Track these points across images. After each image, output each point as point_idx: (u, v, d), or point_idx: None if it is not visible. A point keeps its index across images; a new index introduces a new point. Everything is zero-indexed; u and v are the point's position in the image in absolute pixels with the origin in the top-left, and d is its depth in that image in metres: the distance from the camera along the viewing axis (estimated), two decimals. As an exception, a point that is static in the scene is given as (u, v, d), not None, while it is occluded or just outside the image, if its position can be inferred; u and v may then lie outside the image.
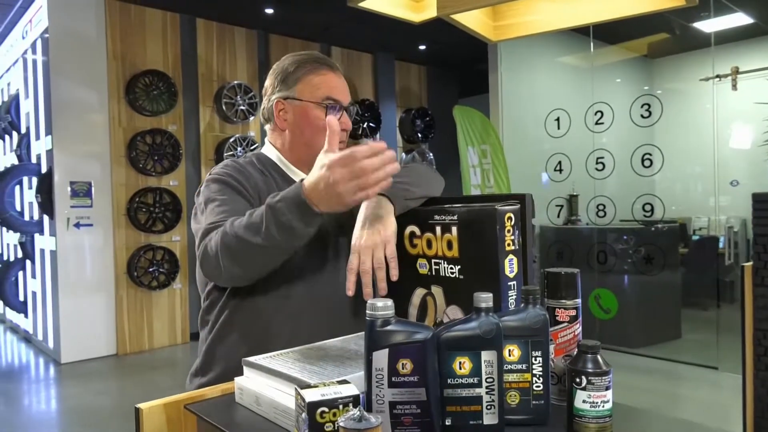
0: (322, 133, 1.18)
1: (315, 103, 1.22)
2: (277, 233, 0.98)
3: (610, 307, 4.83)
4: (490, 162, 5.12)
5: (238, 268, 1.04)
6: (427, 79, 7.60)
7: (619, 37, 5.79)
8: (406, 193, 1.08)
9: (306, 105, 1.22)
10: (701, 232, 6.16)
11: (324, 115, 1.21)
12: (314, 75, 1.23)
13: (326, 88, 1.23)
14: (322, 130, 1.19)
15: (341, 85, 1.26)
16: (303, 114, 1.23)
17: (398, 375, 0.71)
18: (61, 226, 4.79)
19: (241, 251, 1.01)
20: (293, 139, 1.26)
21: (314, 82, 1.23)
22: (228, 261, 1.03)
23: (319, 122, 1.22)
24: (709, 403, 3.77)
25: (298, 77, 1.23)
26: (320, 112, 1.22)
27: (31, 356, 5.17)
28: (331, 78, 1.24)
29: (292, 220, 0.97)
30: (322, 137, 1.16)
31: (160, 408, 0.93)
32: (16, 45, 5.76)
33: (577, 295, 0.87)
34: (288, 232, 0.98)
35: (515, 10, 3.32)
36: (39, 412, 3.92)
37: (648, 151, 4.64)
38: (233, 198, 1.15)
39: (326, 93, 1.23)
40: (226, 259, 1.02)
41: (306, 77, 1.23)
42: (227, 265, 1.03)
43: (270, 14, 5.52)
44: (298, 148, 1.26)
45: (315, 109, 1.22)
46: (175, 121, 5.30)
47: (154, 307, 5.21)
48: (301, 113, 1.23)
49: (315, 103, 1.22)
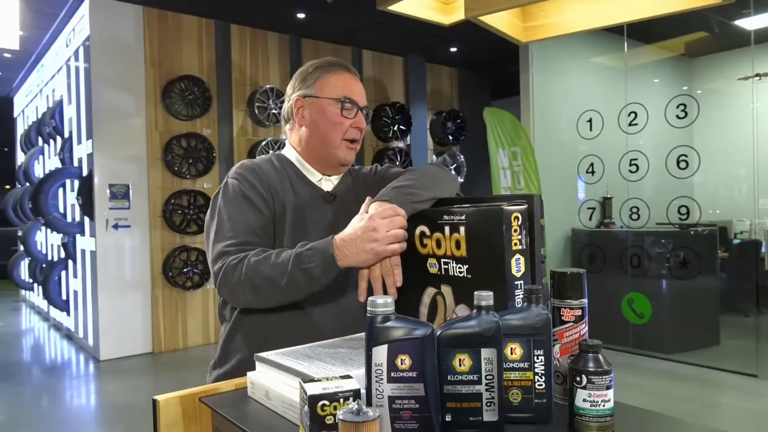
0: (336, 128, 1.27)
1: (331, 99, 1.28)
2: (299, 277, 1.07)
3: (643, 312, 4.72)
4: (521, 164, 5.08)
5: (256, 299, 1.14)
6: (458, 82, 7.58)
7: (654, 36, 5.67)
8: (411, 197, 1.11)
9: (323, 101, 1.29)
10: (743, 235, 5.97)
11: (339, 112, 1.28)
12: (331, 75, 1.30)
13: (342, 88, 1.29)
14: (336, 125, 1.28)
15: (357, 87, 1.31)
16: (320, 110, 1.29)
17: (397, 370, 0.73)
18: (100, 227, 4.96)
19: (264, 287, 1.10)
20: (309, 134, 1.31)
21: (331, 81, 1.30)
22: (249, 292, 1.12)
23: (335, 118, 1.28)
24: (748, 412, 3.66)
25: (317, 77, 1.30)
26: (336, 108, 1.28)
27: (73, 353, 5.35)
28: (348, 78, 1.31)
29: (315, 268, 1.06)
30: (336, 132, 1.27)
31: (176, 400, 0.97)
32: (60, 53, 5.98)
33: (583, 296, 0.87)
34: (308, 278, 1.07)
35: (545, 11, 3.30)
36: (79, 406, 4.06)
37: (684, 153, 4.53)
38: (244, 209, 1.21)
39: (342, 92, 1.29)
40: (247, 290, 1.12)
41: (324, 77, 1.30)
42: (247, 295, 1.12)
43: (301, 19, 5.60)
44: (314, 143, 1.31)
45: (331, 105, 1.28)
46: (210, 125, 5.43)
47: (188, 306, 5.34)
48: (318, 109, 1.29)
49: (331, 99, 1.28)
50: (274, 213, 1.24)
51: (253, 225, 1.20)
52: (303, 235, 1.21)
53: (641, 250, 4.90)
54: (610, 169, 4.96)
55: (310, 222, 1.26)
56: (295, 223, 1.24)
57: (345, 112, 1.28)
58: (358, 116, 1.29)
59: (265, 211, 1.23)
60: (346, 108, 1.28)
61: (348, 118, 1.28)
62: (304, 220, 1.25)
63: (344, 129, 1.28)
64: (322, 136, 1.29)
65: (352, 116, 1.29)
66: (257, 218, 1.21)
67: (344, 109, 1.28)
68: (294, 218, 1.24)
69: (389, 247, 1.04)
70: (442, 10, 3.39)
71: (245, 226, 1.19)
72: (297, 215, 1.25)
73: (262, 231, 1.21)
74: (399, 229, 1.05)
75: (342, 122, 1.28)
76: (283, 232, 1.23)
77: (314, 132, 1.30)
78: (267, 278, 1.09)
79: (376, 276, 1.06)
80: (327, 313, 1.21)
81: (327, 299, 1.21)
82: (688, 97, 4.62)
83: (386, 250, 1.04)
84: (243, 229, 1.18)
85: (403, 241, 1.06)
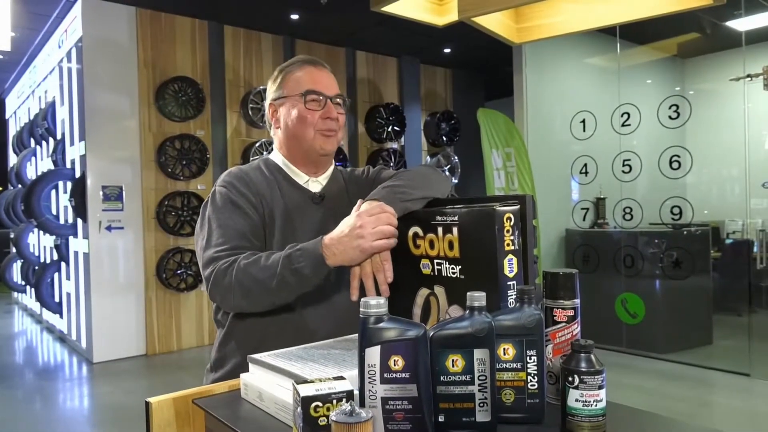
0: (304, 122, 1.27)
1: (295, 96, 1.28)
2: (289, 277, 1.07)
3: (637, 312, 4.74)
4: (515, 165, 5.09)
5: (248, 303, 1.14)
6: (452, 83, 7.59)
7: (647, 37, 5.70)
8: (403, 196, 1.11)
9: (289, 99, 1.29)
10: (735, 235, 6.00)
11: (304, 106, 1.27)
12: (296, 72, 1.31)
13: (306, 82, 1.29)
14: (304, 120, 1.27)
15: (323, 77, 1.31)
16: (287, 109, 1.30)
17: (390, 371, 0.73)
18: (93, 229, 4.94)
19: (254, 290, 1.10)
20: (285, 135, 1.32)
21: (296, 78, 1.30)
22: (240, 296, 1.12)
23: (301, 113, 1.28)
24: (740, 411, 3.68)
25: (284, 77, 1.31)
26: (300, 103, 1.28)
27: (66, 355, 5.32)
28: (312, 71, 1.31)
29: (305, 268, 1.06)
30: (305, 127, 1.27)
31: (170, 402, 0.97)
32: (52, 54, 5.96)
33: (575, 296, 0.88)
34: (299, 278, 1.07)
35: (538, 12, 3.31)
36: (72, 409, 4.04)
37: (676, 153, 4.55)
38: (233, 216, 1.22)
39: (306, 86, 1.28)
40: (238, 294, 1.12)
41: (289, 76, 1.31)
42: (238, 299, 1.13)
43: (295, 20, 5.60)
44: (290, 144, 1.32)
45: (296, 101, 1.28)
46: (203, 127, 5.42)
47: (182, 308, 5.32)
48: (287, 109, 1.30)
49: (295, 96, 1.28)
50: (263, 218, 1.24)
51: (243, 230, 1.20)
52: (293, 237, 1.21)
53: (634, 251, 4.92)
54: (604, 169, 4.98)
55: (299, 224, 1.26)
56: (284, 226, 1.24)
57: (310, 104, 1.27)
58: (327, 106, 1.28)
59: (254, 216, 1.23)
60: (310, 101, 1.27)
61: (315, 110, 1.27)
62: (293, 223, 1.25)
63: (313, 122, 1.27)
64: (294, 134, 1.30)
65: (320, 107, 1.28)
66: (246, 223, 1.21)
67: (308, 102, 1.27)
68: (283, 222, 1.25)
69: (376, 243, 1.04)
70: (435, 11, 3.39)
71: (235, 231, 1.19)
72: (286, 219, 1.25)
73: (251, 235, 1.21)
74: (386, 226, 1.05)
75: (308, 115, 1.27)
76: (272, 236, 1.24)
77: (288, 132, 1.31)
78: (257, 281, 1.09)
79: (367, 273, 1.07)
80: (322, 316, 1.21)
81: (322, 302, 1.21)
82: (680, 98, 4.65)
83: (373, 247, 1.04)
84: (233, 234, 1.19)
85: (392, 237, 1.06)
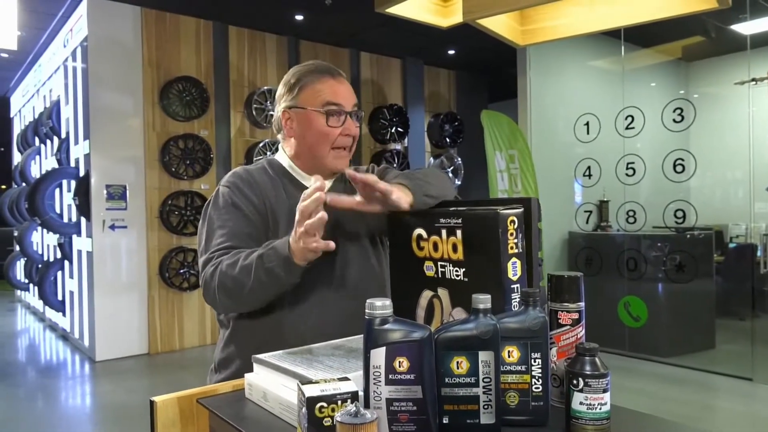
0: (323, 138, 1.25)
1: (316, 111, 1.25)
2: (264, 277, 1.09)
3: (639, 315, 4.73)
4: (518, 167, 5.09)
5: (232, 303, 1.16)
6: (456, 84, 7.59)
7: (651, 40, 5.69)
8: (425, 188, 1.11)
9: (308, 113, 1.25)
10: (738, 239, 5.99)
11: (325, 122, 1.24)
12: (315, 83, 1.26)
13: (327, 94, 1.25)
14: (323, 136, 1.25)
15: (343, 90, 1.27)
16: (306, 122, 1.26)
17: (395, 372, 0.73)
18: (97, 228, 4.95)
19: (235, 290, 1.12)
20: (299, 146, 1.30)
21: (315, 89, 1.26)
22: (223, 297, 1.14)
23: (322, 128, 1.25)
24: (743, 415, 3.67)
25: (301, 86, 1.27)
26: (322, 118, 1.25)
27: (68, 354, 5.34)
28: (332, 84, 1.27)
29: (276, 268, 1.08)
30: (324, 144, 1.24)
31: (174, 401, 0.97)
32: (58, 53, 5.97)
33: (580, 299, 0.88)
34: (272, 278, 1.09)
35: (543, 14, 3.31)
36: (74, 407, 4.05)
37: (680, 157, 4.54)
38: (233, 217, 1.22)
39: (327, 98, 1.25)
40: (222, 295, 1.14)
41: (308, 86, 1.26)
42: (223, 300, 1.15)
43: (300, 21, 5.61)
44: (304, 155, 1.30)
45: (316, 116, 1.25)
46: (207, 126, 5.43)
47: (184, 308, 5.33)
48: (305, 121, 1.26)
49: (316, 110, 1.25)
50: (266, 219, 1.24)
51: (241, 231, 1.20)
52: None
53: (637, 254, 4.92)
54: (607, 172, 4.98)
55: None
56: (289, 227, 1.24)
57: (332, 121, 1.24)
58: (347, 122, 1.26)
59: (255, 218, 1.23)
60: (332, 117, 1.24)
61: (335, 127, 1.24)
62: None
63: (332, 139, 1.24)
64: (310, 147, 1.27)
65: (339, 124, 1.25)
66: (246, 225, 1.21)
67: (330, 118, 1.24)
68: (288, 224, 1.24)
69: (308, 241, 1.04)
70: (440, 12, 3.40)
71: (233, 233, 1.19)
72: (291, 220, 1.25)
73: (249, 237, 1.21)
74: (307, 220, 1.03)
75: (329, 132, 1.24)
76: (276, 237, 1.23)
77: (302, 143, 1.28)
78: (236, 281, 1.11)
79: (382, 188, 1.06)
80: (326, 318, 1.21)
81: (325, 304, 1.21)
82: (684, 101, 4.64)
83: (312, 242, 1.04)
84: (230, 236, 1.19)
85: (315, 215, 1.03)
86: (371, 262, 1.29)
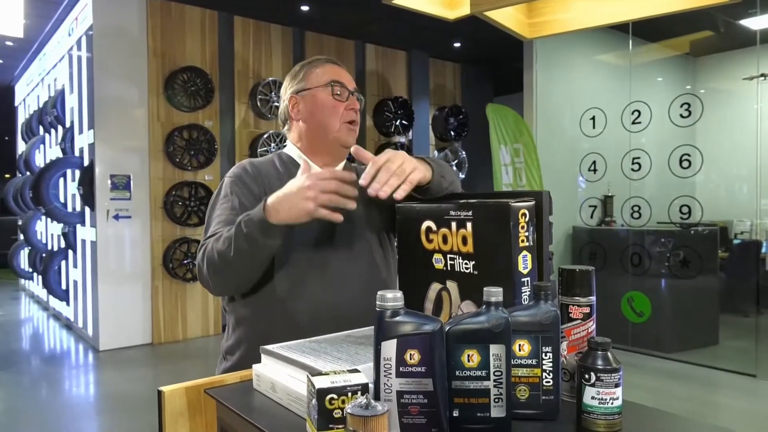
0: (332, 112, 1.29)
1: (321, 86, 1.31)
2: (243, 244, 1.09)
3: (643, 311, 4.73)
4: (523, 161, 5.07)
5: (222, 279, 1.16)
6: (461, 77, 7.56)
7: (659, 34, 5.65)
8: (442, 171, 1.15)
9: (314, 90, 1.31)
10: (743, 236, 5.97)
11: (331, 95, 1.30)
12: (318, 67, 1.34)
13: (330, 74, 1.32)
14: (331, 109, 1.30)
15: (343, 73, 1.35)
16: (312, 99, 1.31)
17: (406, 365, 0.73)
18: (101, 217, 4.96)
19: (219, 263, 1.13)
20: (308, 127, 1.33)
21: (318, 72, 1.33)
22: (211, 273, 1.15)
23: (327, 102, 1.30)
24: (746, 412, 3.67)
25: (305, 72, 1.34)
26: (327, 93, 1.31)
27: (72, 343, 5.36)
28: (333, 67, 1.35)
29: (253, 231, 1.08)
30: (333, 117, 1.29)
31: (182, 391, 0.97)
32: (62, 42, 5.96)
33: (591, 293, 0.87)
34: (251, 243, 1.09)
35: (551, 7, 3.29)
36: (78, 396, 4.06)
37: (687, 152, 4.52)
38: (234, 205, 1.24)
39: (330, 77, 1.32)
40: (210, 272, 1.15)
41: (311, 70, 1.34)
42: (212, 276, 1.15)
43: (305, 12, 5.58)
44: (314, 134, 1.32)
45: (322, 91, 1.31)
46: (211, 117, 5.42)
47: (188, 298, 5.34)
48: (311, 99, 1.31)
49: (321, 86, 1.31)
50: None
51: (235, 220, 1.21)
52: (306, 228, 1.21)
53: (642, 249, 4.90)
54: (612, 167, 4.95)
55: None
56: None
57: (336, 95, 1.30)
58: (350, 98, 1.32)
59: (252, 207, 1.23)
60: (336, 91, 1.30)
61: (341, 101, 1.30)
62: None
63: (339, 112, 1.30)
64: (320, 123, 1.31)
65: (344, 98, 1.31)
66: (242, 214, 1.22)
67: (335, 92, 1.30)
68: None
69: (320, 211, 1.06)
70: (446, 4, 3.37)
71: (228, 221, 1.20)
72: None
73: None
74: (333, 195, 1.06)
75: (336, 105, 1.30)
76: None
77: (312, 122, 1.32)
78: (220, 254, 1.12)
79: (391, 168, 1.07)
80: (331, 303, 1.22)
81: (329, 290, 1.22)
82: (692, 96, 4.61)
83: (318, 212, 1.06)
84: (225, 224, 1.20)
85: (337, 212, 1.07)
86: (375, 255, 1.31)
